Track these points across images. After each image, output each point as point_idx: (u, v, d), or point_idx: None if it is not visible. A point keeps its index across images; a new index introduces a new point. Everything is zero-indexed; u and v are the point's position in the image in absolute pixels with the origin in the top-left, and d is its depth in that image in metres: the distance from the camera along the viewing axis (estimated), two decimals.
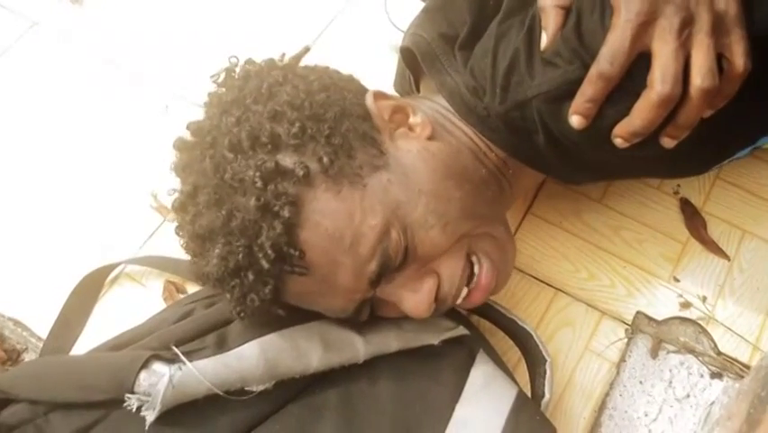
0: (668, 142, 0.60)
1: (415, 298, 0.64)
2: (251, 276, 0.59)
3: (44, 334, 0.82)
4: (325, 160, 0.60)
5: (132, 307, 0.83)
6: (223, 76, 0.68)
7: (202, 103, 0.97)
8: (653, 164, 0.73)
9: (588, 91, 0.59)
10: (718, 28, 0.56)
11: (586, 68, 0.58)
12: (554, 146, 0.66)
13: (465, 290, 0.68)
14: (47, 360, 0.79)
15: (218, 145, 0.61)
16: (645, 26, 0.56)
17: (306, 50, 0.71)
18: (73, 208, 0.92)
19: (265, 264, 0.58)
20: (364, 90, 0.68)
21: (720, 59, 0.57)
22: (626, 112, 0.59)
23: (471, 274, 0.68)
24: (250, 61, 0.69)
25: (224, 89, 0.67)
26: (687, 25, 0.55)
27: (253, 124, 0.61)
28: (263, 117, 0.61)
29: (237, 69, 0.68)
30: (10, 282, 0.87)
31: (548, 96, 0.62)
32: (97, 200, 0.93)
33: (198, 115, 0.89)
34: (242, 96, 0.63)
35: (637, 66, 0.57)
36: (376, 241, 0.60)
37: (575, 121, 0.60)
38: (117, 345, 0.74)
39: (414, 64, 0.76)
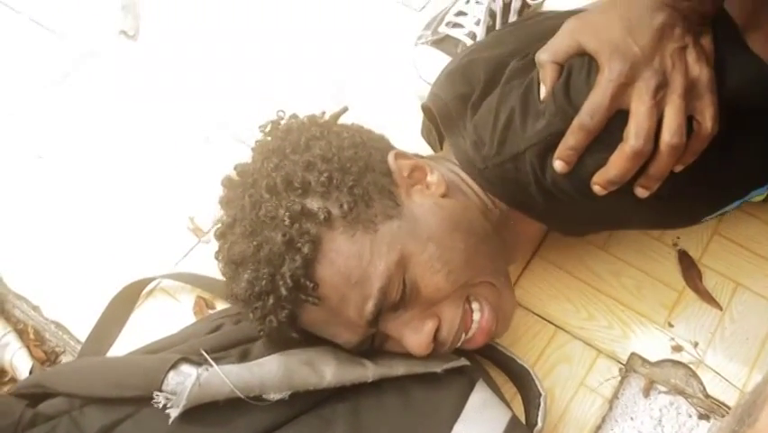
0: (641, 192, 0.68)
1: (415, 336, 0.71)
2: (271, 300, 0.68)
3: (82, 338, 0.89)
4: (345, 207, 0.68)
5: (164, 318, 0.91)
6: (269, 126, 0.77)
7: (238, 137, 1.07)
8: (645, 216, 0.80)
9: (570, 140, 0.67)
10: (691, 92, 0.64)
11: (570, 120, 0.66)
12: (547, 198, 0.73)
13: (466, 334, 0.75)
14: (84, 360, 0.86)
15: (257, 186, 0.70)
16: (625, 86, 0.64)
17: (345, 109, 0.80)
18: (117, 225, 1.01)
19: (284, 292, 0.66)
20: (389, 149, 0.76)
21: (691, 121, 0.64)
22: (603, 162, 0.66)
23: (471, 320, 0.74)
24: (294, 116, 0.78)
25: (269, 138, 0.76)
26: (662, 87, 0.63)
27: (289, 170, 0.69)
28: (298, 166, 0.70)
29: (282, 122, 0.77)
30: (55, 288, 0.95)
31: (538, 148, 0.69)
32: (140, 219, 1.01)
33: (235, 147, 0.99)
34: (283, 146, 0.72)
35: (615, 121, 0.65)
36: (378, 281, 0.68)
37: (558, 166, 0.68)
38: (151, 350, 0.81)
39: (436, 121, 0.84)
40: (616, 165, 0.66)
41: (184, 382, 0.67)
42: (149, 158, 1.08)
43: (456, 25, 1.09)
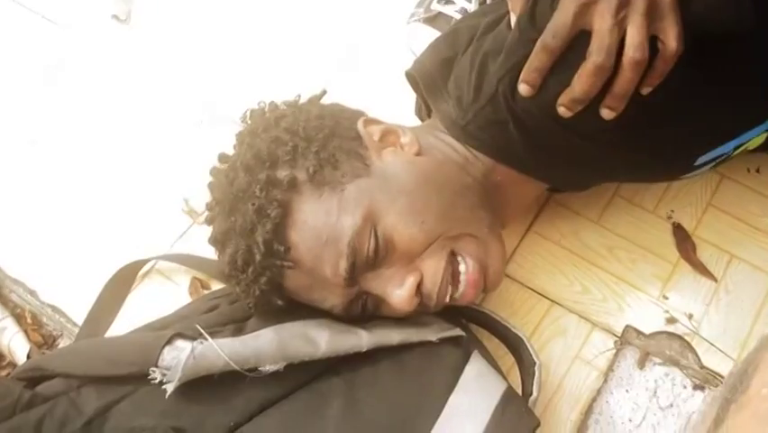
0: (607, 114, 0.68)
1: (397, 291, 0.72)
2: (250, 270, 0.70)
3: (79, 321, 0.90)
4: (311, 170, 0.70)
5: (160, 299, 0.91)
6: (249, 114, 0.80)
7: (232, 118, 1.07)
8: (634, 158, 0.78)
9: (534, 62, 0.67)
10: (653, 12, 0.64)
11: (534, 44, 0.66)
12: (526, 135, 0.73)
13: (459, 290, 0.75)
14: (81, 342, 0.87)
15: (234, 167, 0.73)
16: (587, 6, 0.64)
17: (324, 92, 0.82)
18: (112, 208, 1.01)
19: (258, 258, 0.69)
20: (359, 117, 0.78)
21: (656, 42, 0.64)
22: (567, 83, 0.67)
23: (457, 273, 0.75)
24: (271, 102, 0.80)
25: (249, 125, 0.78)
26: (623, 6, 0.63)
27: (259, 147, 0.72)
28: (266, 142, 0.72)
29: (259, 109, 0.79)
30: (51, 271, 0.96)
31: (508, 78, 0.70)
32: (134, 202, 1.01)
33: (229, 128, 0.99)
34: (255, 128, 0.75)
35: (578, 42, 0.65)
36: (348, 237, 0.69)
37: (522, 89, 0.69)
38: (148, 330, 0.82)
39: (419, 90, 0.84)
40: (579, 82, 0.66)
41: (179, 356, 0.67)
42: (143, 141, 1.08)
43: (448, 2, 1.09)
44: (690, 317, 0.88)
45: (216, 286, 0.92)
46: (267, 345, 0.72)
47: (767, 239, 0.93)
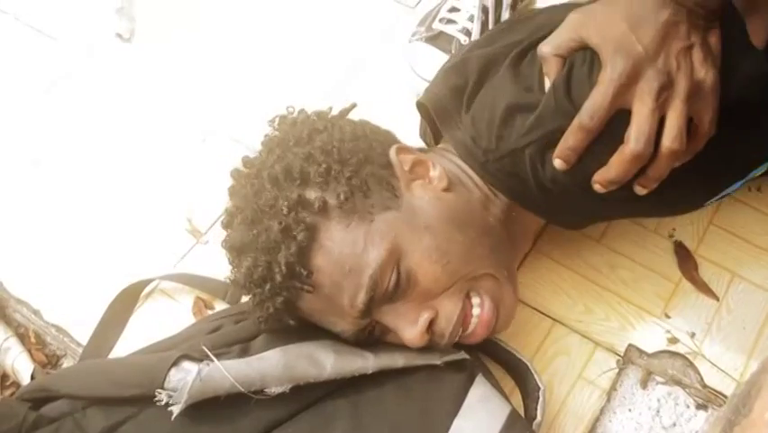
0: (640, 190, 0.68)
1: (409, 327, 0.72)
2: (268, 287, 0.69)
3: (83, 341, 0.90)
4: (342, 196, 0.69)
5: (164, 319, 0.91)
6: (277, 120, 0.78)
7: (234, 137, 1.08)
8: (645, 206, 0.80)
9: (570, 140, 0.66)
10: (695, 95, 0.63)
11: (570, 118, 0.66)
12: (546, 193, 0.73)
13: (469, 329, 0.75)
14: (86, 363, 0.87)
15: (260, 176, 0.72)
16: (627, 87, 0.63)
17: (353, 105, 0.81)
18: (115, 228, 1.01)
19: (279, 279, 0.68)
20: (394, 143, 0.77)
21: (690, 120, 0.64)
22: (603, 161, 0.66)
23: (470, 315, 0.75)
24: (302, 111, 0.79)
25: (276, 132, 0.77)
26: (665, 89, 0.62)
27: (290, 161, 0.71)
28: (298, 157, 0.71)
29: (290, 117, 0.78)
30: (55, 291, 0.96)
31: (538, 145, 0.70)
32: (137, 221, 1.02)
33: (231, 147, 1.00)
34: (287, 139, 0.74)
35: (617, 120, 0.64)
36: (371, 270, 0.68)
37: (558, 164, 0.68)
38: (151, 352, 0.82)
39: (430, 119, 0.85)
40: (616, 166, 0.66)
41: (185, 378, 0.67)
42: (145, 160, 1.08)
43: (450, 21, 1.10)
44: (693, 336, 0.88)
45: (220, 306, 0.93)
46: (273, 366, 0.72)
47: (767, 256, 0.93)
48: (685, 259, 0.93)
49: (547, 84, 0.70)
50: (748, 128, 0.72)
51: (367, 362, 0.74)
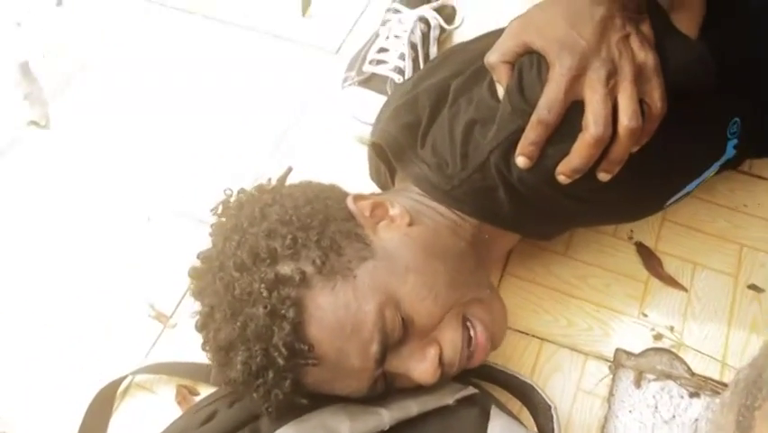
0: (604, 177, 0.71)
1: (421, 366, 0.71)
2: (271, 374, 0.66)
3: None
4: (318, 261, 0.68)
5: (146, 415, 0.86)
6: (220, 208, 0.76)
7: (178, 211, 1.04)
8: (613, 208, 0.83)
9: (530, 135, 0.69)
10: (640, 77, 0.68)
11: (528, 117, 0.69)
12: (516, 199, 0.75)
13: (467, 353, 0.75)
14: None
15: (225, 268, 0.69)
16: (577, 78, 0.67)
17: (290, 170, 0.80)
18: (75, 328, 0.94)
19: (281, 362, 0.65)
20: (344, 195, 0.77)
21: (641, 103, 0.68)
22: (565, 152, 0.69)
23: (470, 337, 0.75)
24: (241, 190, 0.77)
25: (223, 219, 0.75)
26: (612, 75, 0.67)
27: (252, 243, 0.69)
28: (259, 237, 0.69)
29: (232, 200, 0.76)
30: (23, 408, 0.88)
31: (501, 150, 0.72)
32: (97, 316, 0.95)
33: (178, 222, 0.96)
34: (240, 222, 0.72)
35: (571, 112, 0.68)
36: (373, 323, 0.67)
37: (520, 162, 0.71)
38: None
39: (385, 157, 0.85)
40: (579, 153, 0.69)
41: None
42: (92, 249, 1.02)
43: (380, 62, 1.11)
44: (672, 329, 0.92)
45: (205, 390, 0.88)
46: None
47: (721, 243, 0.99)
48: (648, 257, 0.97)
49: (500, 91, 0.72)
50: (698, 125, 0.77)
51: (382, 418, 0.73)
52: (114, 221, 1.05)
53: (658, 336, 0.91)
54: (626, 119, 0.67)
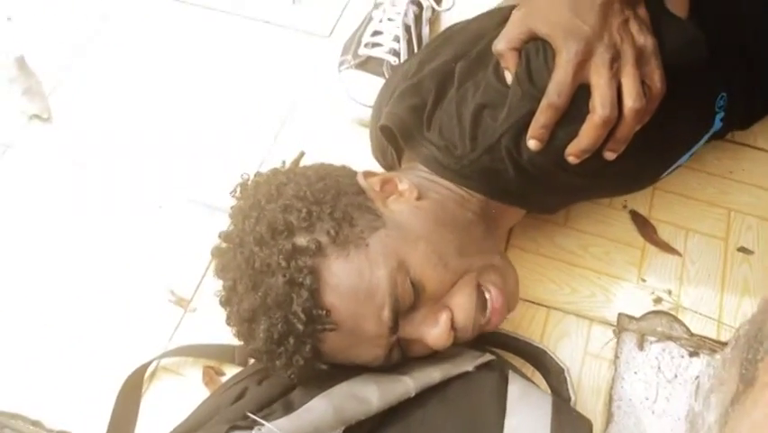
0: (610, 155, 0.76)
1: (433, 331, 0.75)
2: (291, 340, 0.70)
3: None
4: (332, 232, 0.72)
5: (175, 398, 0.89)
6: (238, 189, 0.80)
7: (190, 198, 1.06)
8: (616, 182, 0.89)
9: (540, 119, 0.73)
10: (640, 60, 0.72)
11: (537, 101, 0.73)
12: (523, 178, 0.79)
13: (485, 317, 0.79)
14: None
15: (245, 243, 0.73)
16: (583, 63, 0.71)
17: (302, 154, 0.84)
18: (99, 318, 0.96)
19: (300, 327, 0.69)
20: (355, 173, 0.81)
21: (642, 84, 0.73)
22: (574, 133, 0.74)
23: (485, 302, 0.79)
24: (257, 174, 0.81)
25: (241, 200, 0.78)
26: (616, 59, 0.71)
27: (270, 218, 0.73)
28: (276, 212, 0.73)
29: (249, 182, 0.80)
30: (52, 397, 0.90)
31: (512, 133, 0.76)
32: (118, 304, 0.97)
33: (190, 208, 0.98)
34: (258, 200, 0.76)
35: (579, 96, 0.72)
36: (385, 288, 0.72)
37: (532, 144, 0.75)
38: None
39: (393, 139, 0.88)
40: (587, 134, 0.73)
41: None
42: (108, 239, 1.03)
43: (375, 45, 1.13)
44: (670, 292, 0.97)
45: (231, 370, 0.91)
46: (323, 414, 0.72)
47: (710, 208, 1.04)
48: (643, 225, 1.03)
49: (508, 77, 0.76)
50: (690, 101, 0.82)
51: (408, 385, 0.77)
52: (126, 210, 1.06)
53: (657, 300, 0.96)
54: (630, 101, 0.71)
